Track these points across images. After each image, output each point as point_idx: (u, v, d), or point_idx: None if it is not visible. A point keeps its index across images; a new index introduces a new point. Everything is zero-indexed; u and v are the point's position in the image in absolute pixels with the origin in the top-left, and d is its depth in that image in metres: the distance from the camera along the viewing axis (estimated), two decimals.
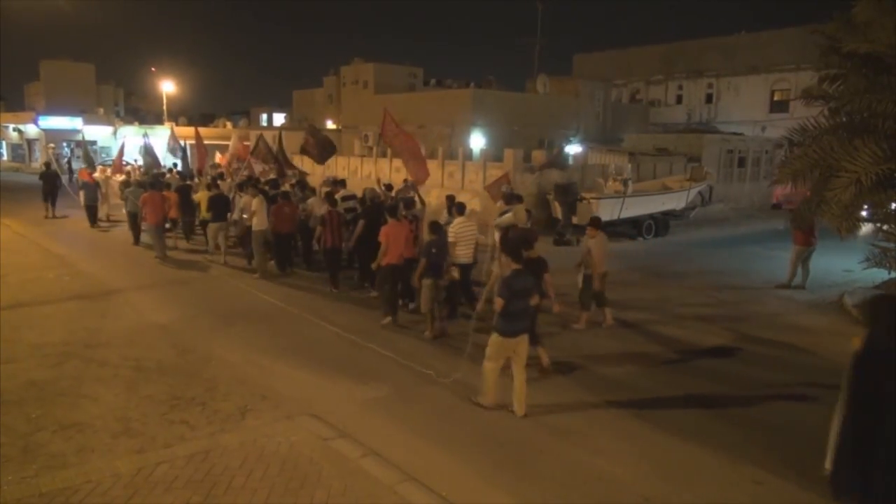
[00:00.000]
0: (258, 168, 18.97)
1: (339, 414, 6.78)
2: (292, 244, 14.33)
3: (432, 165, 23.86)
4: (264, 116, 69.03)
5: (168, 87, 54.48)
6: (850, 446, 4.90)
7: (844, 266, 14.57)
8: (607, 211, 19.33)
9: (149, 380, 7.58)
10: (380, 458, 5.86)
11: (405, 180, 15.21)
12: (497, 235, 10.85)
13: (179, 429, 6.32)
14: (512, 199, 12.01)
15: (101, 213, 20.51)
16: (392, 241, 9.80)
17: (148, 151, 23.37)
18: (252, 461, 5.70)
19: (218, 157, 24.11)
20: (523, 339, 6.90)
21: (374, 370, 8.17)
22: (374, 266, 10.20)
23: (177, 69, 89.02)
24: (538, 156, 21.59)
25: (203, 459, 5.71)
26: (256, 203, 13.10)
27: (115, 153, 28.28)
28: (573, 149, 29.90)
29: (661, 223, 21.11)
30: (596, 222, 10.15)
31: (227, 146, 20.36)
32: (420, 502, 5.19)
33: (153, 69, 59.44)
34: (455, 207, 11.09)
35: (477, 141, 31.47)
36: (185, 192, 16.95)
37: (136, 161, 26.80)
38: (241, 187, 15.16)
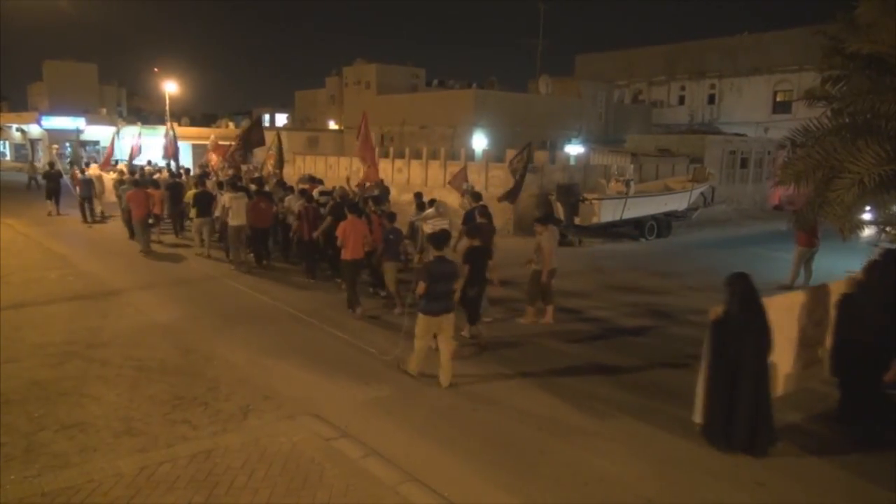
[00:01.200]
0: (244, 167, 20.01)
1: (340, 414, 6.79)
2: (270, 238, 15.07)
3: (434, 166, 23.93)
4: (266, 117, 68.97)
5: (171, 87, 54.45)
6: (715, 401, 6.23)
7: (847, 267, 14.55)
8: (610, 212, 19.34)
9: (151, 379, 7.59)
10: (382, 458, 5.86)
11: (375, 181, 16.42)
12: (426, 229, 11.72)
13: (182, 428, 6.33)
14: (476, 196, 12.56)
15: (97, 210, 21.24)
16: (349, 237, 10.36)
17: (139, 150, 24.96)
18: (254, 461, 5.70)
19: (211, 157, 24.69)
20: (446, 318, 7.65)
21: (375, 371, 8.18)
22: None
23: (179, 69, 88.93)
24: (541, 156, 21.59)
25: (205, 459, 5.72)
26: (228, 199, 13.83)
27: (123, 154, 28.98)
28: (575, 149, 29.91)
29: (663, 224, 21.10)
30: (543, 219, 10.45)
31: (227, 146, 20.71)
32: (422, 503, 5.19)
33: (156, 69, 59.45)
34: (427, 203, 12.25)
35: (479, 141, 31.48)
36: (175, 190, 17.75)
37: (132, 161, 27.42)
38: (220, 186, 15.83)
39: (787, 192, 22.64)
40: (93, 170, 22.18)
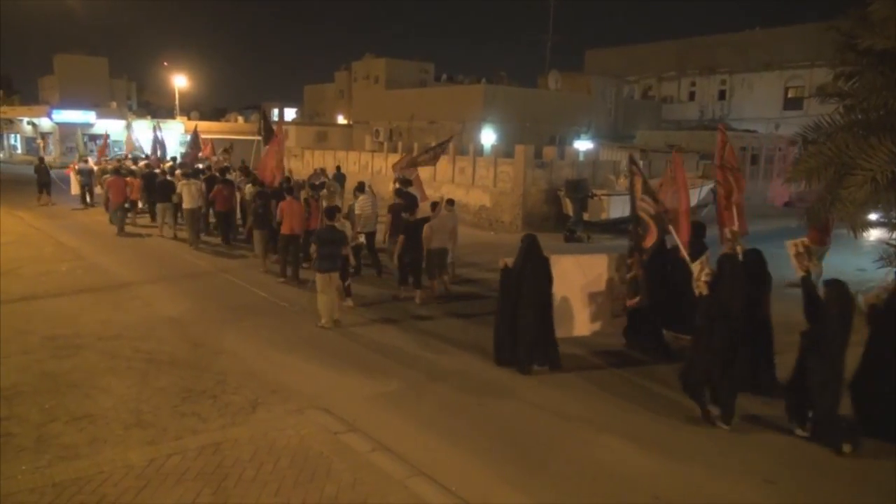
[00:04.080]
0: (213, 158, 23.44)
1: (348, 408, 6.81)
2: (233, 221, 16.80)
3: (443, 161, 23.86)
4: (275, 111, 69.03)
5: (180, 81, 54.69)
6: (503, 332, 8.11)
7: (858, 265, 14.45)
8: (618, 208, 19.24)
9: (160, 372, 7.64)
10: (390, 452, 5.88)
11: (315, 169, 20.01)
12: (356, 209, 13.26)
13: (191, 421, 6.37)
14: (404, 182, 13.73)
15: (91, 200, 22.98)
16: (286, 215, 12.09)
17: (160, 144, 26.26)
18: (262, 454, 5.73)
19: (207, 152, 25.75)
20: (334, 276, 9.58)
21: (383, 364, 8.21)
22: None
23: (189, 64, 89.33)
24: (549, 152, 21.53)
25: (214, 452, 5.75)
26: (180, 186, 15.94)
27: (140, 147, 30.28)
28: (584, 145, 29.80)
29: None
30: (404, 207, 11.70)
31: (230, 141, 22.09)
32: (430, 497, 5.20)
33: (165, 63, 59.83)
34: (357, 188, 13.64)
35: (488, 137, 31.40)
36: (150, 179, 18.90)
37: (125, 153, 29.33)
38: (184, 175, 17.27)
39: (799, 189, 22.46)
40: (90, 164, 24.09)
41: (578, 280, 8.54)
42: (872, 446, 6.23)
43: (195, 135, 25.33)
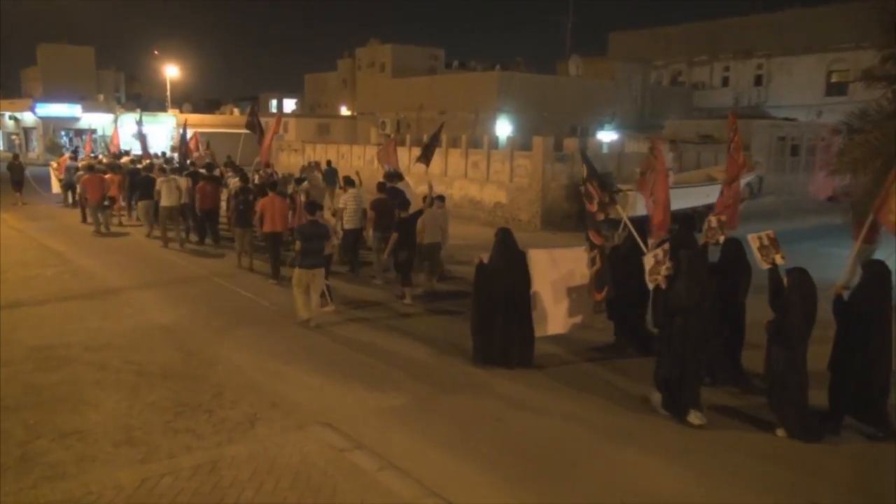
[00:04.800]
0: (196, 154, 24.31)
1: (354, 423, 6.82)
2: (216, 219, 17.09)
3: (455, 155, 23.89)
4: (273, 102, 69.43)
5: (172, 71, 55.13)
6: (479, 329, 8.43)
7: None
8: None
9: (152, 385, 7.69)
10: (398, 471, 5.89)
11: (308, 162, 21.58)
12: (339, 204, 13.90)
13: (185, 438, 6.41)
14: (392, 177, 14.50)
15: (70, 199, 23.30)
16: (266, 212, 12.40)
17: (142, 139, 27.59)
18: (262, 473, 5.75)
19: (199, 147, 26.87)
20: (318, 272, 9.97)
21: (390, 376, 8.22)
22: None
23: (181, 53, 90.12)
24: (570, 144, 21.49)
25: (210, 471, 5.78)
26: (159, 182, 16.17)
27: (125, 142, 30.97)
28: (608, 136, 29.71)
29: (704, 217, 20.87)
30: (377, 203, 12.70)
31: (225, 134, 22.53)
32: None
33: (156, 52, 60.19)
34: (345, 182, 14.16)
35: (503, 128, 31.41)
36: (133, 176, 19.29)
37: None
38: (161, 171, 17.99)
39: (840, 184, 22.27)
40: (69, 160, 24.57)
41: (554, 275, 8.74)
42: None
43: (185, 130, 26.37)
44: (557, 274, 8.75)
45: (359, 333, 9.94)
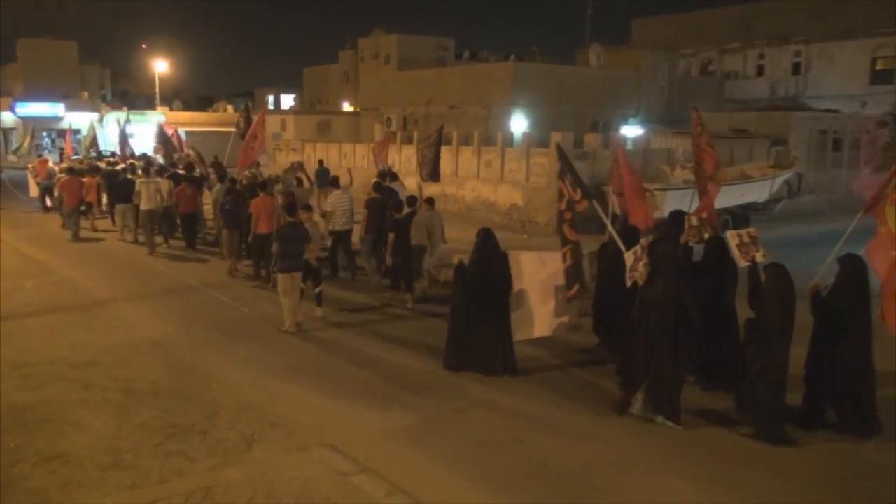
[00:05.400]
0: (177, 154, 24.50)
1: (359, 445, 6.82)
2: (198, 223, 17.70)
3: (466, 153, 23.92)
4: (271, 98, 69.77)
5: (161, 66, 55.52)
6: (456, 333, 8.78)
7: None
8: (675, 204, 19.02)
9: (142, 404, 7.72)
10: (408, 496, 5.88)
11: (293, 162, 21.64)
12: (326, 206, 14.51)
13: (177, 461, 6.42)
14: (385, 176, 15.31)
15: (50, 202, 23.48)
16: (260, 212, 12.94)
17: (126, 139, 28.15)
18: (260, 500, 5.76)
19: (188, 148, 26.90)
20: (297, 276, 10.38)
21: (393, 393, 8.24)
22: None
23: (171, 46, 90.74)
24: (591, 140, 21.47)
25: (204, 497, 5.79)
26: (139, 185, 16.71)
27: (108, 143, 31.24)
28: (633, 131, 29.66)
29: (739, 218, 20.75)
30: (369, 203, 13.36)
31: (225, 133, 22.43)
32: None
33: (144, 46, 60.66)
34: (331, 182, 14.85)
35: (518, 124, 31.39)
36: (111, 178, 19.67)
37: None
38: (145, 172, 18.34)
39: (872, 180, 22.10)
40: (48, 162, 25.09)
41: (541, 276, 9.08)
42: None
43: (162, 130, 27.31)
44: (544, 275, 9.08)
45: (358, 344, 10.01)
